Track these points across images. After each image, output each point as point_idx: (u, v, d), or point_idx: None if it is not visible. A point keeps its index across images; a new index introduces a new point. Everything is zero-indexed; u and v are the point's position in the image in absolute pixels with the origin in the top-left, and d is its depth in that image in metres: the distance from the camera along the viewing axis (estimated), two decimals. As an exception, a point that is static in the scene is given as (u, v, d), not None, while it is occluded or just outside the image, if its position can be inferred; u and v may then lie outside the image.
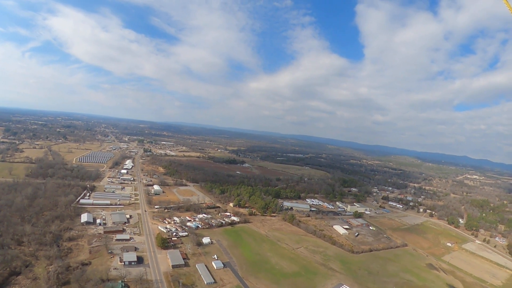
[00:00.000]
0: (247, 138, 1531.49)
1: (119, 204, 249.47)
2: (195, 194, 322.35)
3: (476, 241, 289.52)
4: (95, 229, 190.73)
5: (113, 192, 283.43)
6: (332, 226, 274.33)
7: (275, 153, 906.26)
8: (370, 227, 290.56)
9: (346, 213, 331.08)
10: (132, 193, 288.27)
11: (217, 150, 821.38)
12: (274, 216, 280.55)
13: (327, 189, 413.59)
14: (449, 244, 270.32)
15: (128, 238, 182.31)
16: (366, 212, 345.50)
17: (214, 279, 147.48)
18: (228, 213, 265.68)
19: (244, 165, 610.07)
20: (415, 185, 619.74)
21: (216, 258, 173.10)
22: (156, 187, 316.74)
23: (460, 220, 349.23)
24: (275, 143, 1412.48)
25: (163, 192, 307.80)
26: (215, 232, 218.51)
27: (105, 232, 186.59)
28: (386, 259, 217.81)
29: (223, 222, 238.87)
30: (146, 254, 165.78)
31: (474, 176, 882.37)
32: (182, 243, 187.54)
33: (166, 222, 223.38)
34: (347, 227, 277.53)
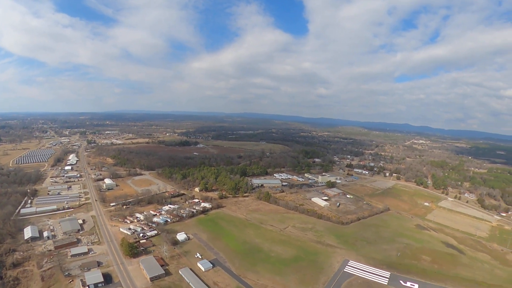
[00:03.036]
0: (193, 120, 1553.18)
1: (68, 208, 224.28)
2: (153, 183, 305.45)
3: (449, 198, 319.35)
4: (43, 245, 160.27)
5: (58, 194, 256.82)
6: (310, 199, 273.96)
7: (225, 132, 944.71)
8: (347, 196, 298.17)
9: (319, 184, 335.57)
10: (81, 192, 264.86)
11: (166, 134, 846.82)
12: (247, 196, 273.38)
13: (293, 162, 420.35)
14: (426, 204, 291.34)
15: (86, 250, 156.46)
16: (337, 181, 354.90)
17: (207, 285, 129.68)
18: (196, 200, 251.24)
19: (198, 145, 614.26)
20: (371, 152, 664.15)
21: (200, 256, 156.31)
22: (107, 180, 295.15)
23: (427, 180, 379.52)
24: (222, 122, 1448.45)
25: (117, 185, 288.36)
26: (188, 225, 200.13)
27: (56, 247, 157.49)
28: (377, 226, 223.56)
29: (194, 211, 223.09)
30: (113, 268, 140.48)
31: (421, 141, 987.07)
32: (154, 245, 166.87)
33: (128, 222, 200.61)
34: (326, 198, 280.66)
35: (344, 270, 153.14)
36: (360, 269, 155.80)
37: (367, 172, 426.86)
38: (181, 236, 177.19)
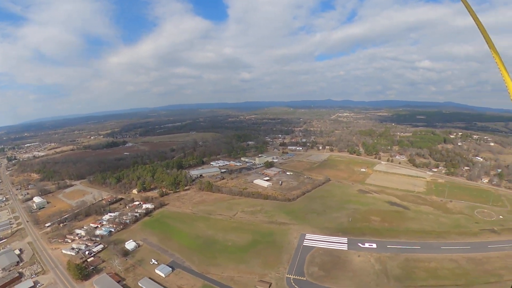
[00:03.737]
0: (117, 119, 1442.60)
1: (0, 239, 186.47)
2: (87, 192, 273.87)
3: (382, 162, 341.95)
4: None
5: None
6: (253, 182, 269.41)
7: (153, 127, 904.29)
8: (287, 173, 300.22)
9: (257, 166, 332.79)
10: (11, 218, 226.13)
11: (90, 137, 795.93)
12: (188, 189, 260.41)
13: (227, 148, 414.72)
14: (363, 170, 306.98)
15: (32, 284, 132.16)
16: (274, 160, 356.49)
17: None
18: (136, 202, 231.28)
19: (127, 145, 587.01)
20: (300, 129, 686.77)
21: (156, 262, 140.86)
22: (37, 199, 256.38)
23: (359, 148, 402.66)
24: (148, 118, 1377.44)
25: (48, 202, 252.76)
26: (134, 231, 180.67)
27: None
28: (322, 197, 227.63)
29: (137, 214, 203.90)
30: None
31: (345, 114, 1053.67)
32: (103, 261, 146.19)
33: (69, 241, 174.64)
34: (267, 178, 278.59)
35: (304, 244, 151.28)
36: (318, 240, 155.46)
37: (301, 148, 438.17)
38: (130, 245, 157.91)
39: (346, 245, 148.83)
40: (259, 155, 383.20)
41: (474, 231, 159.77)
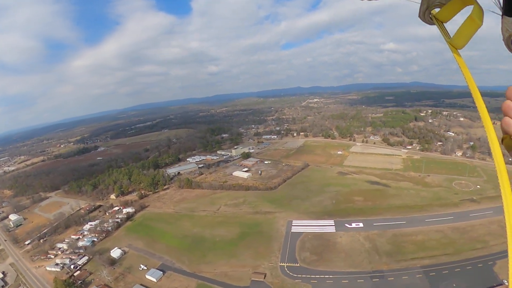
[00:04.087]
0: (86, 124, 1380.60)
1: None
2: (63, 203, 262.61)
3: (357, 143, 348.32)
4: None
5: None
6: (232, 174, 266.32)
7: (123, 129, 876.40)
8: (265, 162, 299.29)
9: (235, 158, 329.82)
10: None
11: (60, 146, 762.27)
12: (167, 188, 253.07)
13: (202, 143, 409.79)
14: (339, 152, 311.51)
15: None
16: (251, 150, 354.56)
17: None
18: (116, 207, 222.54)
19: (99, 149, 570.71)
20: (272, 117, 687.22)
21: (145, 268, 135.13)
22: (13, 216, 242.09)
23: (333, 132, 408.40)
24: (117, 120, 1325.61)
25: (25, 218, 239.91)
26: (118, 238, 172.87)
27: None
28: (303, 182, 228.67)
29: (119, 220, 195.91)
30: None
31: (315, 99, 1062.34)
32: (91, 273, 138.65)
33: (53, 256, 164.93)
34: (246, 169, 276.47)
35: (292, 231, 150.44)
36: (305, 225, 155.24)
37: (275, 136, 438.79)
38: (116, 253, 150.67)
39: (334, 227, 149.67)
40: (235, 146, 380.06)
41: (455, 202, 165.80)
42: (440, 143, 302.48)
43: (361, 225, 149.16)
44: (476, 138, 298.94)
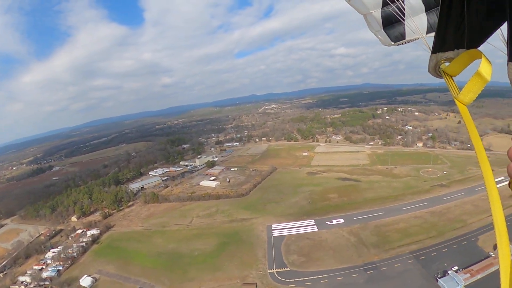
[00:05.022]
0: (38, 143, 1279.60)
1: None
2: (20, 230, 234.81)
3: (321, 144, 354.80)
4: None
5: None
6: (199, 184, 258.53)
7: (77, 146, 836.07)
8: (232, 169, 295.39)
9: (199, 168, 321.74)
10: None
11: (12, 168, 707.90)
12: (132, 205, 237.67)
13: (163, 155, 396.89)
14: (305, 154, 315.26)
15: None
16: (215, 159, 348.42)
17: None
18: (79, 230, 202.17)
19: (54, 169, 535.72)
20: (231, 125, 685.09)
21: None
22: None
23: (296, 135, 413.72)
24: (71, 138, 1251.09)
25: None
26: (86, 264, 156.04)
27: None
28: (274, 186, 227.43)
29: (84, 244, 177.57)
30: None
31: (272, 106, 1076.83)
32: None
33: None
34: (213, 178, 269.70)
35: (273, 235, 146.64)
36: (286, 228, 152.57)
37: (237, 144, 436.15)
38: (86, 281, 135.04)
39: (315, 226, 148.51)
40: (198, 156, 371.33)
41: (426, 189, 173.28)
42: (400, 136, 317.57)
43: (342, 220, 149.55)
44: (433, 129, 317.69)
